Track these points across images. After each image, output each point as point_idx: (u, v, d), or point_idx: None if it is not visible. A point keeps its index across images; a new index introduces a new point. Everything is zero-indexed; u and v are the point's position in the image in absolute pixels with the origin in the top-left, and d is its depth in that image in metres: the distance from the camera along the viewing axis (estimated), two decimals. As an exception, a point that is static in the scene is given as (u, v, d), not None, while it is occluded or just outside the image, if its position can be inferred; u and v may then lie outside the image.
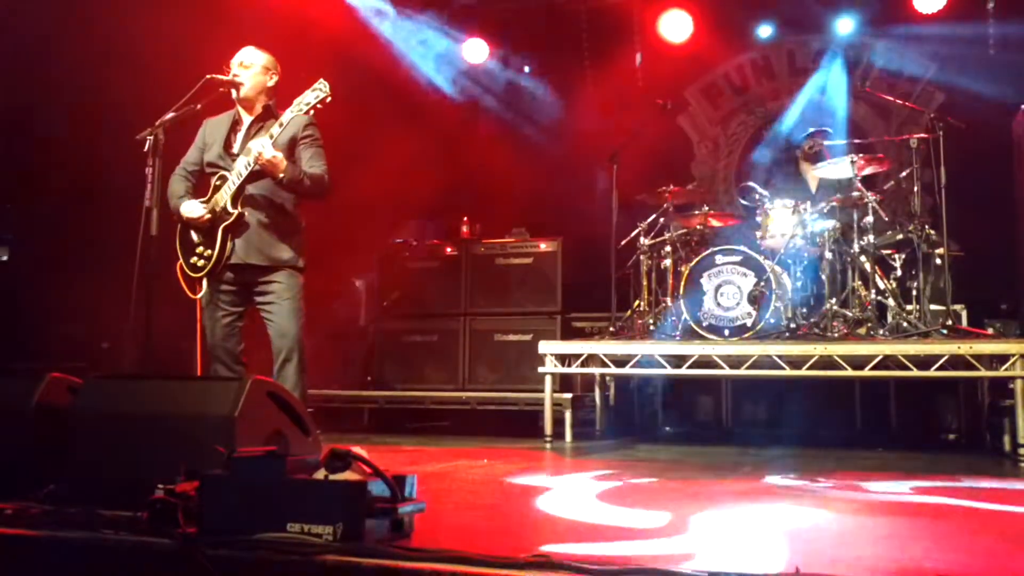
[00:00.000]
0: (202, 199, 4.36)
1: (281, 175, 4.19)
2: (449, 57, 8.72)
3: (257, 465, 2.51)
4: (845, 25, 8.20)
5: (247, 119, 4.44)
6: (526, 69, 9.12)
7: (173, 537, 2.35)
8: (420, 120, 8.13)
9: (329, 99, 4.15)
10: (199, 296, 4.31)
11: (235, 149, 4.38)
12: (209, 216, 4.29)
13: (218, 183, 4.32)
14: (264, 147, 4.13)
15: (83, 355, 5.55)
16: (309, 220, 4.54)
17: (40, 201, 5.94)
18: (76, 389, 3.27)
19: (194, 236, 4.35)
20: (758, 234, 6.31)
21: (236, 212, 4.25)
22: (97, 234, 5.62)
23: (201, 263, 4.30)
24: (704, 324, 5.99)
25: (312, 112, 4.19)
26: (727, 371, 5.82)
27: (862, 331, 5.81)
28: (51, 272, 5.92)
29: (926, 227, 5.99)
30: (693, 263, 6.16)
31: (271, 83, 4.44)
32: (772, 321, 5.87)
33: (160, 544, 2.34)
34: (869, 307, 5.89)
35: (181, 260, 4.37)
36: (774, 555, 2.46)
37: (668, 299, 6.49)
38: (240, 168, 4.24)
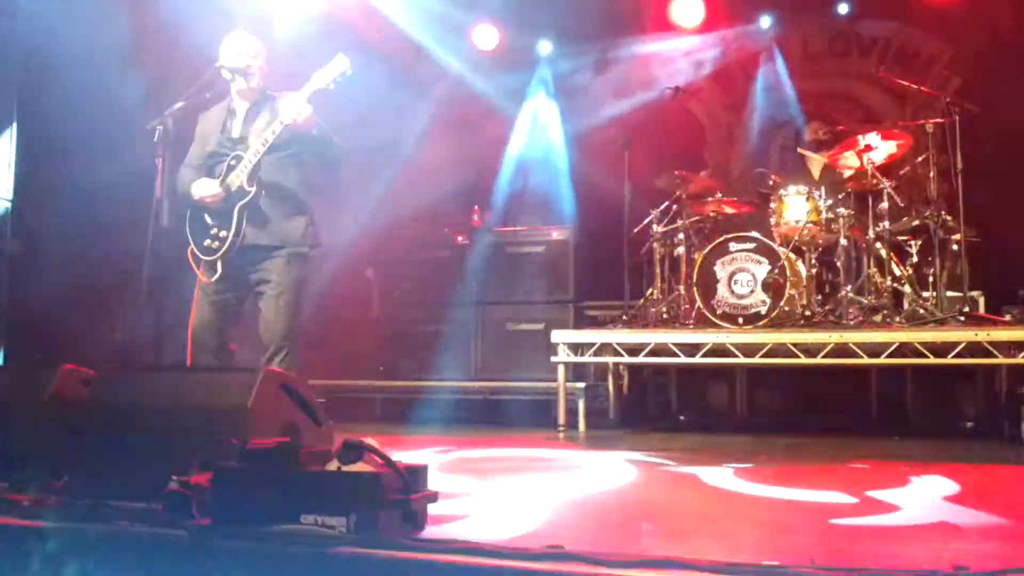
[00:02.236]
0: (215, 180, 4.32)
1: (315, 129, 4.18)
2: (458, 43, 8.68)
3: (270, 457, 2.50)
4: (857, 8, 8.11)
5: (243, 105, 4.40)
6: (537, 55, 9.06)
7: (187, 529, 2.35)
8: (431, 107, 8.10)
9: (349, 72, 4.13)
10: (214, 279, 4.26)
11: (235, 134, 4.34)
12: (223, 194, 4.24)
13: (232, 163, 4.26)
14: (297, 102, 4.09)
15: (95, 346, 5.56)
16: (320, 210, 4.52)
17: (51, 193, 5.95)
18: (90, 381, 3.27)
19: (208, 218, 4.28)
20: (772, 221, 6.26)
21: (253, 190, 4.21)
22: (108, 224, 5.63)
23: (216, 244, 4.24)
24: (718, 312, 5.95)
25: (333, 87, 4.15)
26: (741, 359, 5.78)
27: (878, 318, 5.77)
28: (63, 264, 5.93)
29: (942, 213, 5.92)
30: (707, 250, 6.12)
31: (267, 68, 4.44)
32: (787, 309, 5.82)
33: (174, 535, 2.33)
34: (885, 294, 5.84)
35: (192, 245, 4.31)
36: (791, 547, 2.44)
37: (681, 287, 6.46)
38: (258, 145, 4.20)
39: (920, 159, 6.09)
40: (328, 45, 4.30)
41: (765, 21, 8.38)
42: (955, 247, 5.95)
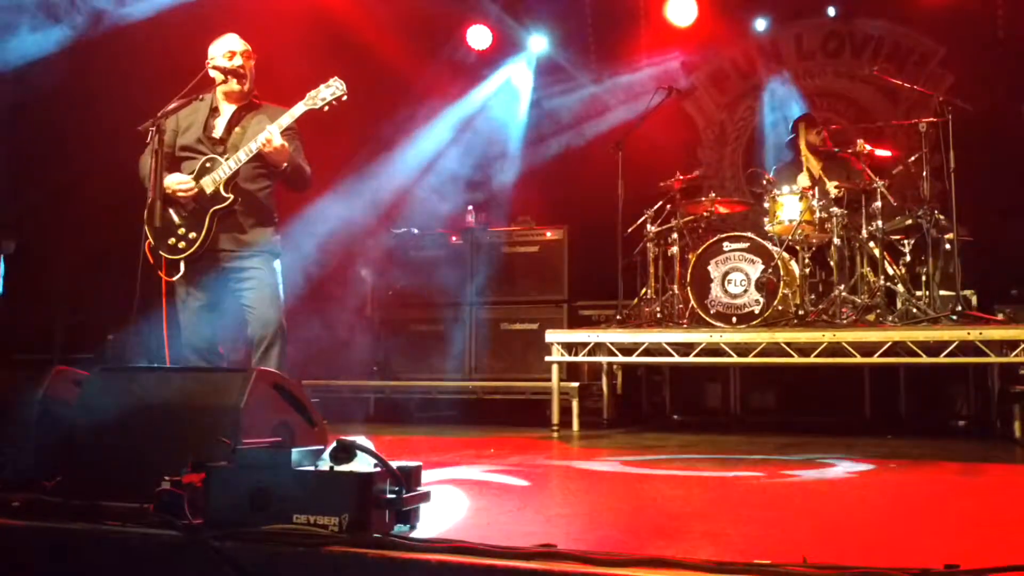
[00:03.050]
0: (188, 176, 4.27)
1: (285, 164, 4.16)
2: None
3: (263, 456, 2.49)
4: (850, 7, 8.12)
5: (228, 107, 4.35)
6: (531, 55, 9.06)
7: (179, 529, 2.34)
8: (424, 107, 8.10)
9: (345, 98, 4.10)
10: (175, 279, 4.19)
11: (216, 134, 4.28)
12: (195, 193, 4.17)
13: (208, 165, 4.19)
14: (274, 134, 4.08)
15: (89, 347, 5.55)
16: (311, 208, 4.52)
17: (46, 193, 5.94)
18: (82, 381, 3.26)
19: (174, 216, 4.18)
20: (766, 220, 6.27)
21: (230, 198, 4.15)
22: (102, 226, 5.61)
23: (182, 245, 4.15)
24: (711, 311, 5.96)
25: (328, 109, 4.13)
26: (735, 359, 5.79)
27: (871, 318, 5.78)
28: (57, 264, 5.92)
29: (935, 212, 5.94)
30: (700, 250, 6.13)
31: (255, 73, 4.41)
32: (780, 308, 5.83)
33: (166, 536, 2.32)
34: (878, 293, 5.85)
35: (152, 240, 4.16)
36: (782, 543, 2.44)
37: (675, 286, 6.46)
38: (240, 155, 4.15)
39: (913, 158, 6.10)
40: (319, 49, 4.29)
41: (759, 20, 8.40)
42: (948, 246, 5.97)
